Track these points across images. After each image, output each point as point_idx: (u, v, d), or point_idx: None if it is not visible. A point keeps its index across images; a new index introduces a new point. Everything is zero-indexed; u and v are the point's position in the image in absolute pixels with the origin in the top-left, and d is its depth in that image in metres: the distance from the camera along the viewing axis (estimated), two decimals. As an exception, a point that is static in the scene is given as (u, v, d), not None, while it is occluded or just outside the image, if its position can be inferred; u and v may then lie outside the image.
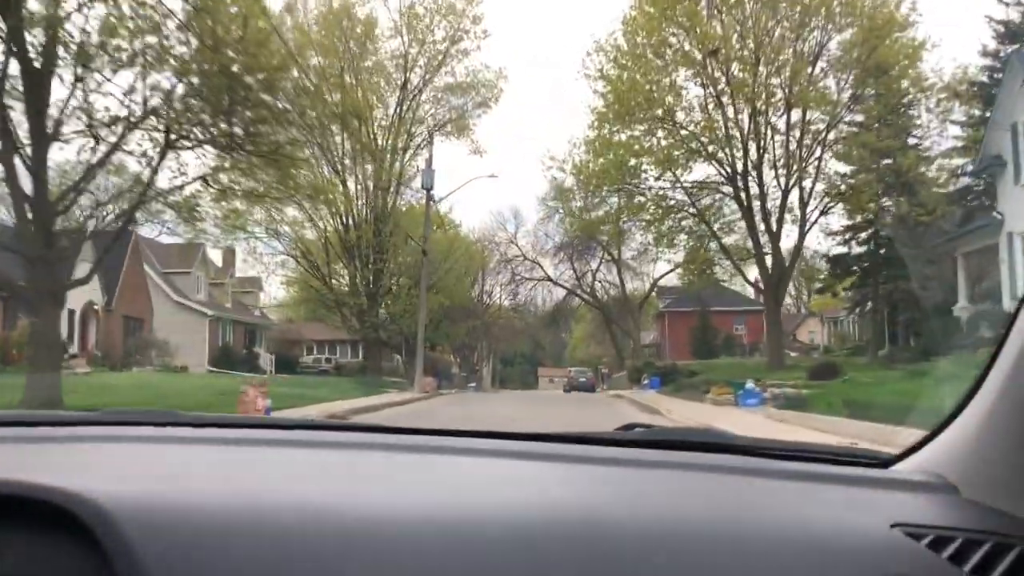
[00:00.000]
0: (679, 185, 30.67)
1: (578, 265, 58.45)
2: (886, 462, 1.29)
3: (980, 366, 1.14)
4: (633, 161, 29.97)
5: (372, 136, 33.74)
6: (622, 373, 48.51)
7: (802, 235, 29.62)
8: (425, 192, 31.34)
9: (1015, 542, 0.97)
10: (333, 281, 35.85)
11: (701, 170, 30.75)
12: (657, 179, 30.70)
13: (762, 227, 29.18)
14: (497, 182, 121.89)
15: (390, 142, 34.73)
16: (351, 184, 34.42)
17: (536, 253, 58.65)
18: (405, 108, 35.00)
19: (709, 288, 56.17)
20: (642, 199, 31.88)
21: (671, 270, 53.94)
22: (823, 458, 1.34)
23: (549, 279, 59.07)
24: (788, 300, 74.93)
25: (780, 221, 29.20)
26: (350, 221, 34.58)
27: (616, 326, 57.96)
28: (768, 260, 29.60)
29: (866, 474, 1.23)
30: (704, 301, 48.94)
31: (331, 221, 34.58)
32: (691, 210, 31.26)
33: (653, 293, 59.07)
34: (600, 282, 59.00)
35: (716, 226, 31.70)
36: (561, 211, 56.56)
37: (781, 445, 1.43)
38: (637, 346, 53.09)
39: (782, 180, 29.15)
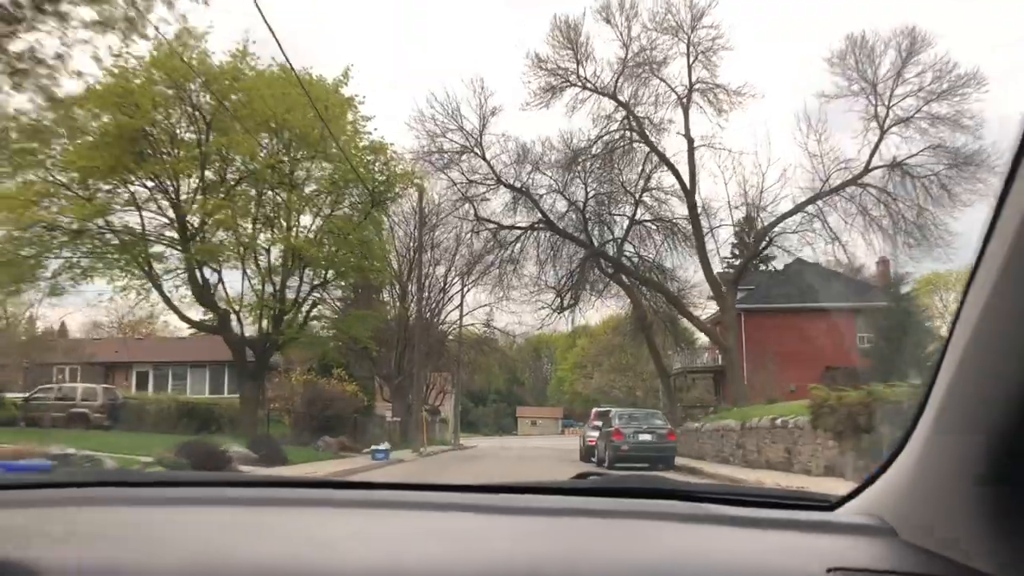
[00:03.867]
0: None
1: (597, 230, 33.12)
2: (832, 505, 1.28)
3: (914, 407, 1.11)
4: None
5: None
6: (730, 423, 23.05)
7: None
8: None
9: None
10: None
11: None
12: None
13: None
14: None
15: None
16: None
17: (518, 178, 32.49)
18: None
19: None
20: None
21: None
22: (769, 502, 1.33)
23: (548, 222, 32.88)
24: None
25: None
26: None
27: (672, 322, 32.57)
28: None
29: (807, 518, 1.23)
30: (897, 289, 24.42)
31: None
32: None
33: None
34: (629, 256, 33.73)
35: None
36: (575, 75, 30.36)
37: (729, 490, 1.46)
38: (735, 370, 27.64)
39: None
